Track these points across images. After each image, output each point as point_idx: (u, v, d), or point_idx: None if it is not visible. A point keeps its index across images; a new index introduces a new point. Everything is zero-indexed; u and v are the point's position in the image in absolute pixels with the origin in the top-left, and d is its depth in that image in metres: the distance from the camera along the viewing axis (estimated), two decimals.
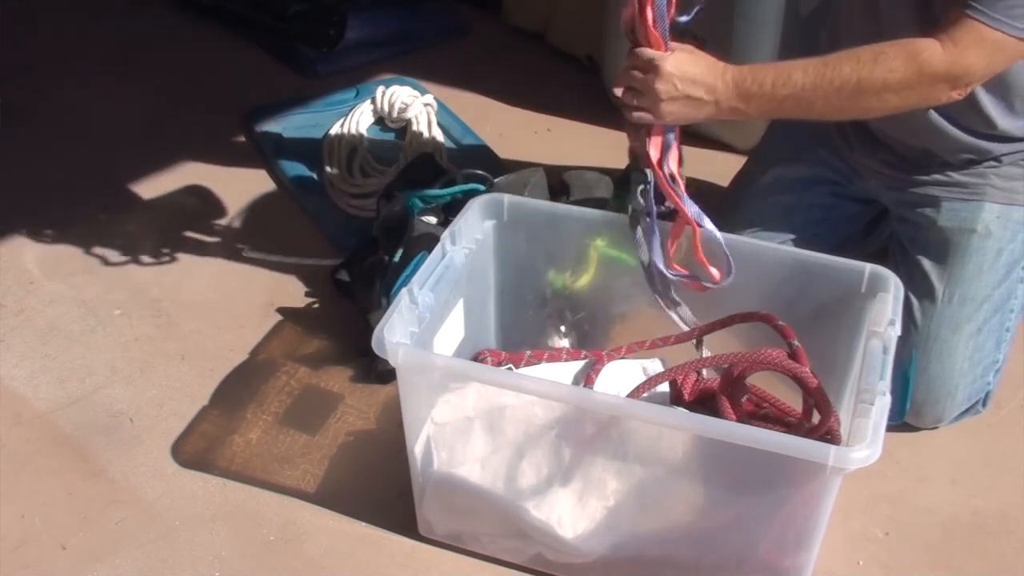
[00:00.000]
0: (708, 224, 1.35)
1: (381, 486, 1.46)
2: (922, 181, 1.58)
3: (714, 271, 1.36)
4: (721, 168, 2.04)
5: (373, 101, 2.33)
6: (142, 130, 2.36)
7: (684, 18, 1.34)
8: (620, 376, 1.45)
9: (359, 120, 2.28)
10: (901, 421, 1.54)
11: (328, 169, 2.15)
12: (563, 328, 1.60)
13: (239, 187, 2.15)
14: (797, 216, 1.66)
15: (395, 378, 1.30)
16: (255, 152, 2.28)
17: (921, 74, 1.30)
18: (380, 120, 2.32)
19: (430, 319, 1.33)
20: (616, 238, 1.47)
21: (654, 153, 1.37)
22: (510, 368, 1.49)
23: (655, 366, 1.48)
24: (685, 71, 1.32)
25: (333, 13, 2.66)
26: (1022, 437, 1.59)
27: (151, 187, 2.16)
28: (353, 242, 1.89)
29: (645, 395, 1.37)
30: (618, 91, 1.38)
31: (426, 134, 2.25)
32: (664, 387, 1.40)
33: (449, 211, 1.70)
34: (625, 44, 1.38)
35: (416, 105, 2.29)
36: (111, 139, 2.33)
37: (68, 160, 2.24)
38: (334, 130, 2.26)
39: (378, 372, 1.63)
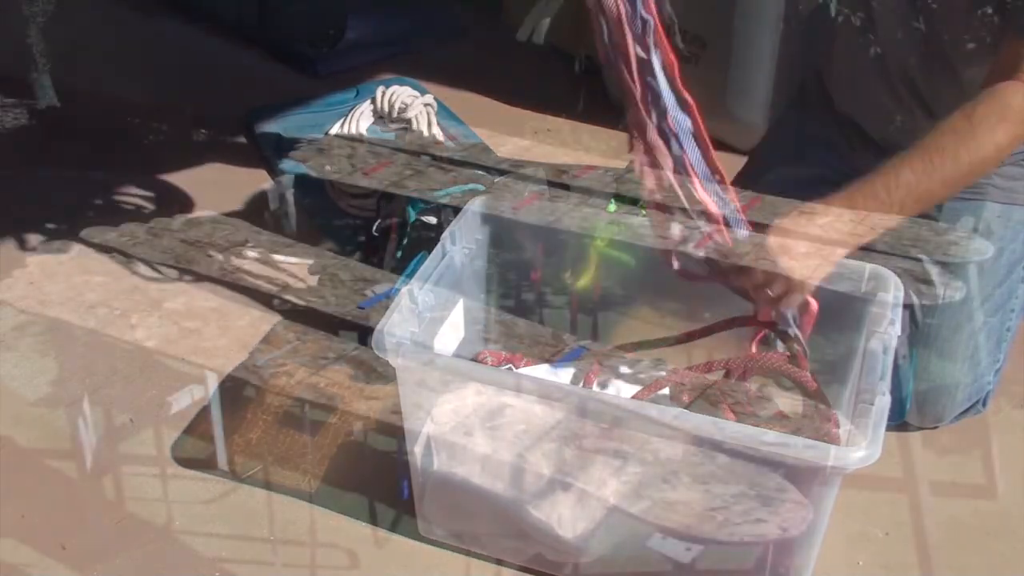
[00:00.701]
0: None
1: (381, 486, 1.46)
2: None
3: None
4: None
5: (373, 101, 2.32)
6: (142, 130, 2.36)
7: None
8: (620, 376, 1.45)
9: (359, 120, 2.27)
10: (901, 421, 1.54)
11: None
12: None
13: (239, 187, 2.15)
14: None
15: (395, 378, 1.30)
16: (255, 152, 2.28)
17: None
18: (380, 120, 2.32)
19: (430, 319, 1.33)
20: (616, 238, 1.47)
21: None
22: (510, 368, 1.49)
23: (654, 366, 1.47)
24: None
25: (333, 13, 2.66)
26: (1022, 437, 1.59)
27: (151, 187, 2.16)
28: (353, 242, 1.89)
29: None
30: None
31: (426, 134, 2.25)
32: (664, 388, 1.40)
33: (449, 211, 1.70)
34: None
35: (416, 105, 2.29)
36: (110, 139, 2.33)
37: (67, 160, 2.24)
38: (334, 130, 2.26)
39: (378, 372, 1.63)
